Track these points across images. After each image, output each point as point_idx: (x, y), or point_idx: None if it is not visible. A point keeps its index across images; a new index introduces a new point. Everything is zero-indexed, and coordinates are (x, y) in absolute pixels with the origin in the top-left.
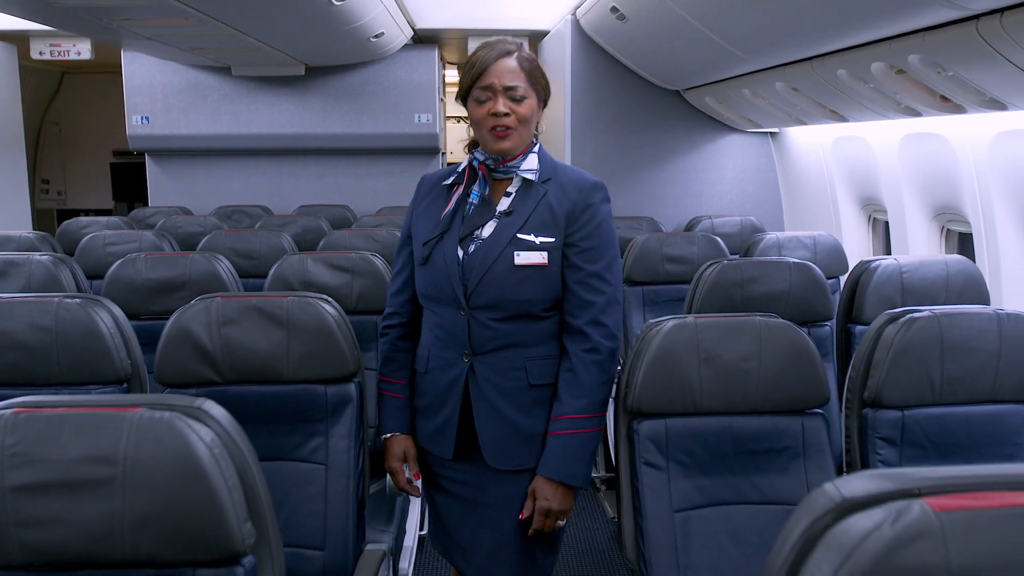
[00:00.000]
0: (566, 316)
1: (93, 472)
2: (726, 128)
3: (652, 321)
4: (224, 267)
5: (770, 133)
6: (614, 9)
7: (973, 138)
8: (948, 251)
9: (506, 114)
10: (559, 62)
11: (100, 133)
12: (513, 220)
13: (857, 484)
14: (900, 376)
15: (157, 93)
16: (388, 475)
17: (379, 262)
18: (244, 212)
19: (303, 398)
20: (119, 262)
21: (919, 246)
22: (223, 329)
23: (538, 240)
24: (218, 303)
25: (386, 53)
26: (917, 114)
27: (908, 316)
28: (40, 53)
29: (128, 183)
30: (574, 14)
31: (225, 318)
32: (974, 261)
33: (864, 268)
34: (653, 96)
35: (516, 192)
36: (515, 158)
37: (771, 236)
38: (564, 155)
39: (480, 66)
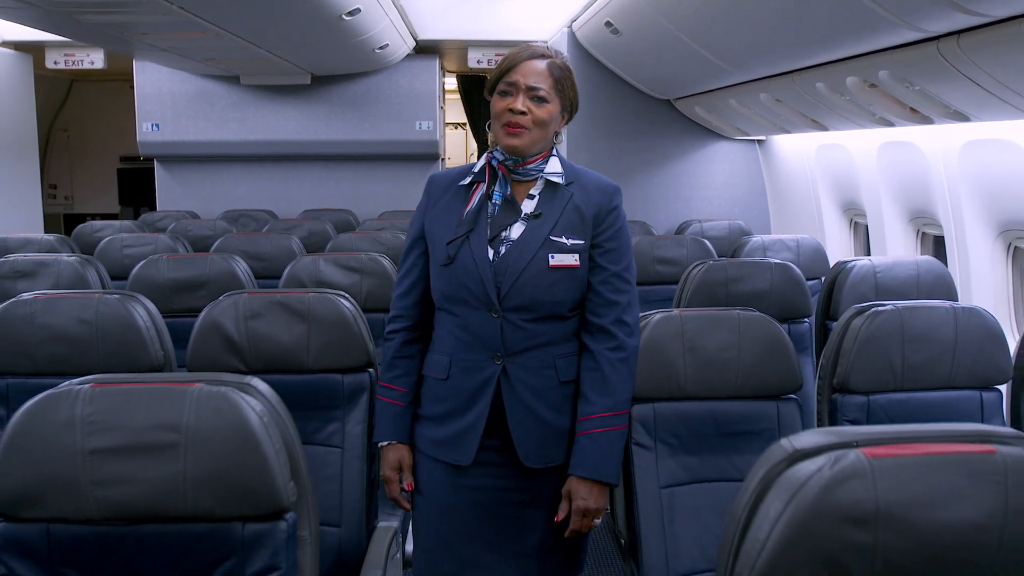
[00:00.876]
0: (589, 315)
1: (160, 438)
2: (715, 136)
3: (641, 315)
4: (241, 267)
5: (757, 141)
6: (608, 23)
7: (944, 147)
8: (924, 253)
9: (522, 112)
10: None
11: (107, 139)
12: (543, 222)
13: (806, 438)
14: (865, 364)
15: (167, 101)
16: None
17: (386, 262)
18: (250, 216)
19: (322, 386)
20: (143, 263)
21: (896, 248)
22: (249, 322)
23: (569, 242)
24: (245, 299)
25: (389, 63)
26: (891, 124)
27: (873, 309)
28: (55, 62)
29: (134, 188)
30: (570, 27)
31: (251, 312)
32: (946, 262)
33: (841, 268)
34: (645, 105)
35: (540, 195)
36: (534, 160)
37: (756, 239)
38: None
39: (510, 62)
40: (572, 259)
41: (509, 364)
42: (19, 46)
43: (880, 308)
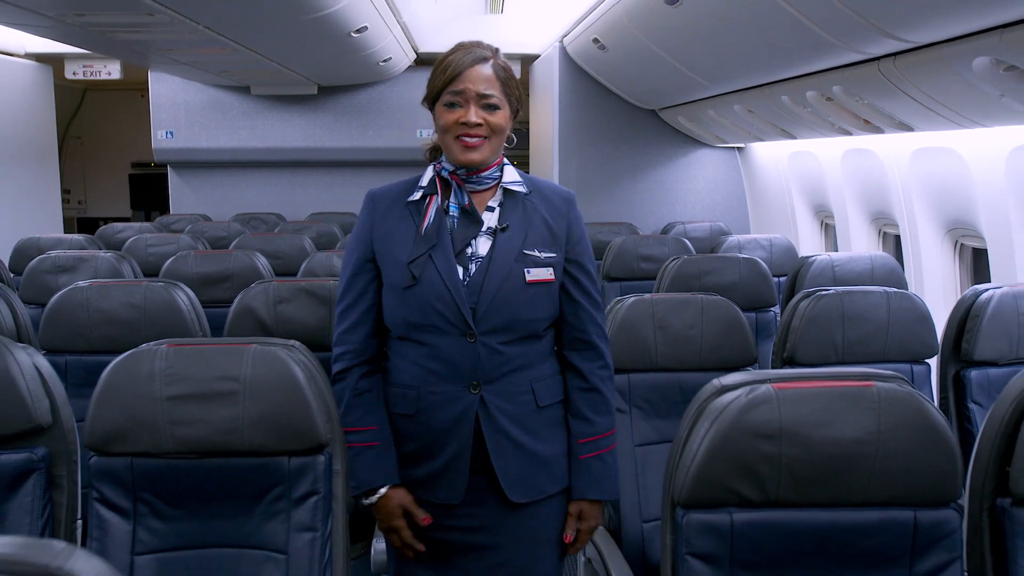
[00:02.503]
0: (574, 332)
1: (223, 387)
2: (697, 143)
3: (616, 298)
4: (261, 262)
5: (736, 148)
6: (596, 40)
7: (898, 154)
8: (885, 251)
9: (478, 124)
10: (548, 83)
11: (119, 146)
12: (512, 235)
13: (732, 378)
14: (810, 340)
15: (181, 110)
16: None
17: None
18: (260, 219)
19: None
20: (173, 258)
21: (860, 246)
22: (278, 307)
23: (543, 256)
24: (274, 286)
25: (391, 75)
26: (848, 133)
27: (817, 293)
28: (74, 73)
29: (145, 193)
30: (561, 42)
31: (280, 297)
32: (904, 261)
33: (803, 263)
34: (632, 115)
35: (500, 206)
36: (488, 168)
37: (733, 238)
38: (552, 167)
39: (454, 70)
40: (548, 273)
41: (487, 392)
42: (40, 57)
43: (823, 292)
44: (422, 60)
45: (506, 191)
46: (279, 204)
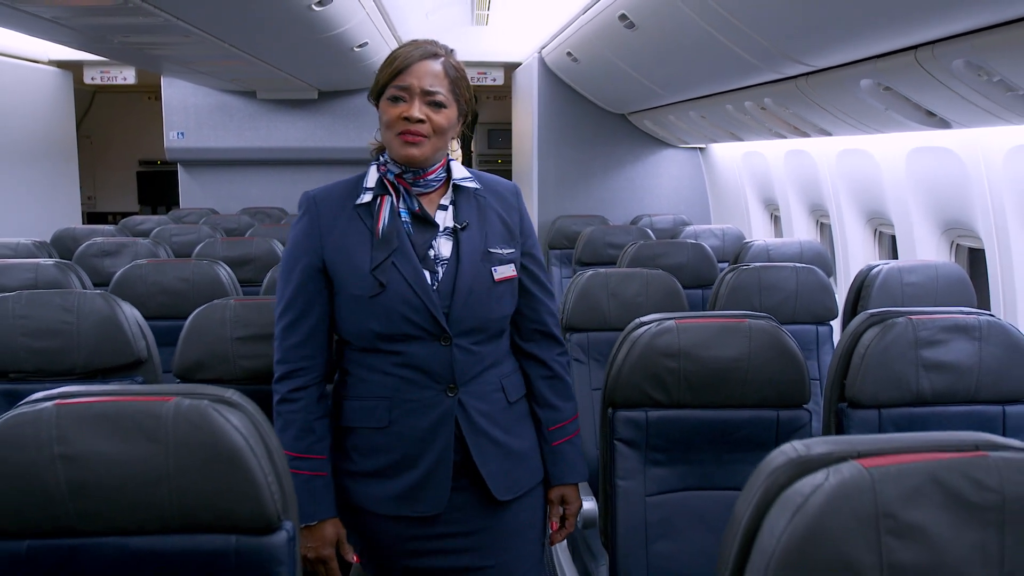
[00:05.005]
0: (532, 324)
1: None
2: (663, 144)
3: (579, 272)
4: (279, 248)
5: (699, 148)
6: (569, 53)
7: (827, 154)
8: (823, 238)
9: (420, 120)
10: (529, 89)
11: (127, 145)
12: (472, 234)
13: (649, 318)
14: (733, 304)
15: (191, 112)
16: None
17: None
18: (265, 213)
19: None
20: (203, 243)
21: (801, 234)
22: None
23: (504, 252)
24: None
25: None
26: (783, 136)
27: (739, 268)
28: (92, 78)
29: (152, 189)
30: (540, 53)
31: None
32: (832, 245)
33: (743, 247)
34: (603, 118)
35: (453, 204)
36: (435, 170)
37: (691, 228)
38: (532, 166)
39: (401, 63)
40: (511, 270)
41: (463, 394)
42: (61, 64)
43: (744, 267)
44: None
45: (456, 187)
46: (282, 199)
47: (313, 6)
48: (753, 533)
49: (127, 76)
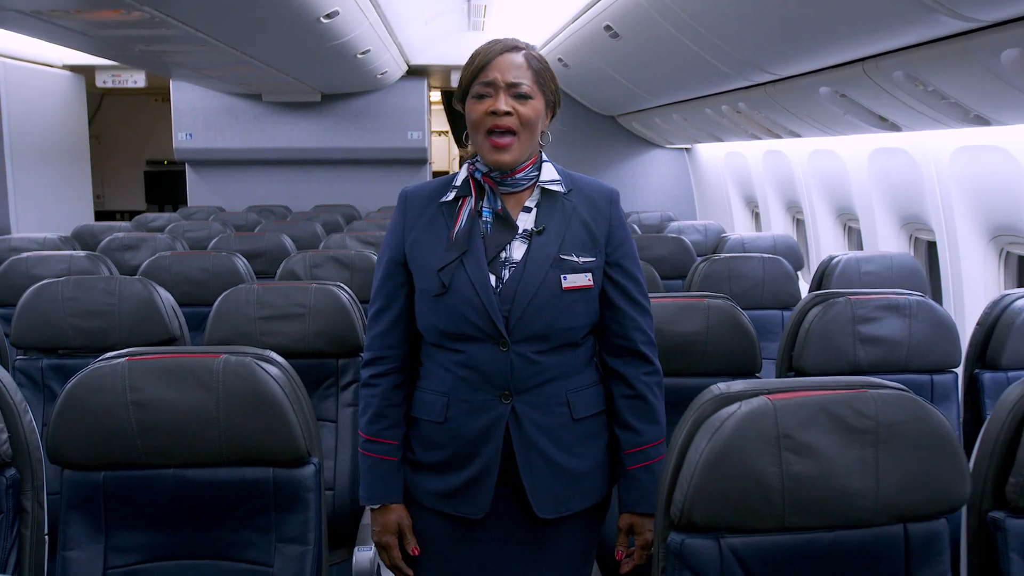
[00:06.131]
0: (617, 340)
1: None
2: (651, 144)
3: None
4: (287, 242)
5: (685, 148)
6: (560, 59)
7: (800, 154)
8: (799, 233)
9: (507, 112)
10: None
11: (135, 145)
12: (548, 239)
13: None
14: (708, 288)
15: (199, 115)
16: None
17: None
18: (271, 210)
19: None
20: (217, 238)
21: (779, 229)
22: (314, 271)
23: (580, 260)
24: (310, 255)
25: (386, 84)
26: (758, 138)
27: (711, 258)
28: (104, 82)
29: (159, 188)
30: None
31: (315, 263)
32: (806, 239)
33: (720, 240)
34: (594, 120)
35: (537, 207)
36: (523, 168)
37: (675, 224)
38: None
39: (483, 59)
40: (586, 279)
41: (519, 403)
42: (75, 68)
43: (716, 257)
44: (413, 70)
45: (544, 190)
46: (286, 198)
47: (321, 18)
48: (684, 452)
49: (137, 80)
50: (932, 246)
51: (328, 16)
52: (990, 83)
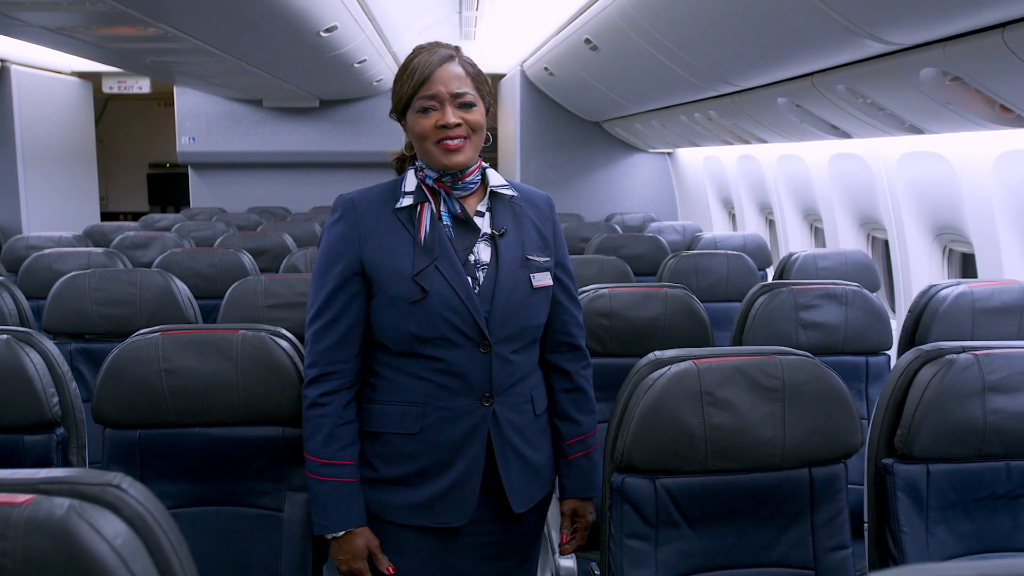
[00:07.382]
0: (560, 336)
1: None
2: (634, 149)
3: None
4: (289, 240)
5: (667, 153)
6: (546, 68)
7: (770, 158)
8: (772, 233)
9: (457, 124)
10: (512, 99)
11: (138, 149)
12: (511, 240)
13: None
14: (679, 280)
15: (202, 119)
16: None
17: None
18: (270, 211)
19: None
20: (223, 236)
21: (753, 229)
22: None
23: (541, 260)
24: (311, 251)
25: (381, 91)
26: (730, 143)
27: (680, 254)
28: (110, 88)
29: (162, 190)
30: (521, 66)
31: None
32: (777, 239)
33: (693, 238)
34: (579, 125)
35: (490, 211)
36: (471, 172)
37: (655, 224)
38: (515, 169)
39: (423, 72)
40: (547, 278)
41: (498, 405)
42: (82, 75)
43: (684, 254)
44: None
45: (493, 194)
46: (285, 199)
47: (321, 33)
48: (626, 406)
49: (142, 86)
50: (887, 244)
51: (328, 30)
52: (915, 97)
